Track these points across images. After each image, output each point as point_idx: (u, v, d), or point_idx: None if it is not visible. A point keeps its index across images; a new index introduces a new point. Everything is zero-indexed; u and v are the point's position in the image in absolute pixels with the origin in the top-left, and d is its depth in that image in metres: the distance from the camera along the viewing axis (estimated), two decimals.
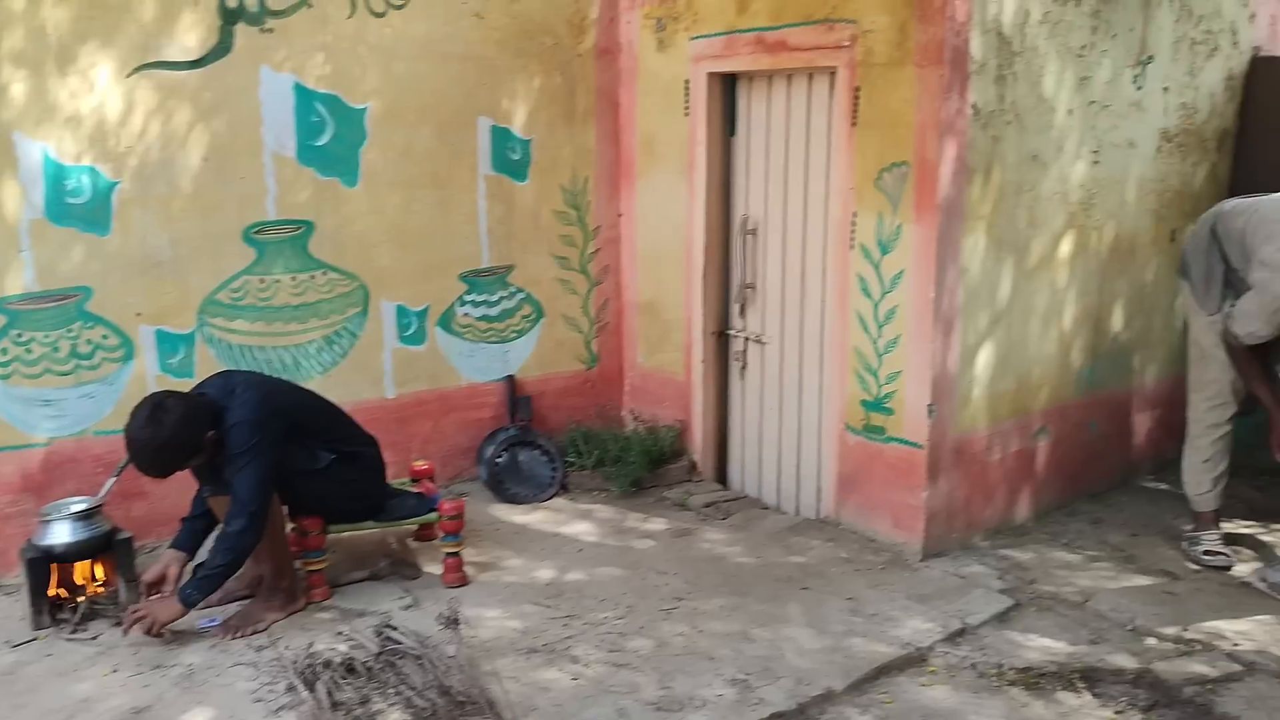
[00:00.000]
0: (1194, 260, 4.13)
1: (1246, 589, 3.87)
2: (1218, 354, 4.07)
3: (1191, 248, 4.17)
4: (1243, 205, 4.05)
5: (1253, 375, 3.97)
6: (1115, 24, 4.28)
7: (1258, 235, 3.86)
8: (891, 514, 4.18)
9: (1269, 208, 3.92)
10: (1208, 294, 4.10)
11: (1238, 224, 3.97)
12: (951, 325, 4.00)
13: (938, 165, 3.83)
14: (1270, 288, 3.74)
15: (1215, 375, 4.13)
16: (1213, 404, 4.16)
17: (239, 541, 3.45)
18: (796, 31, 4.25)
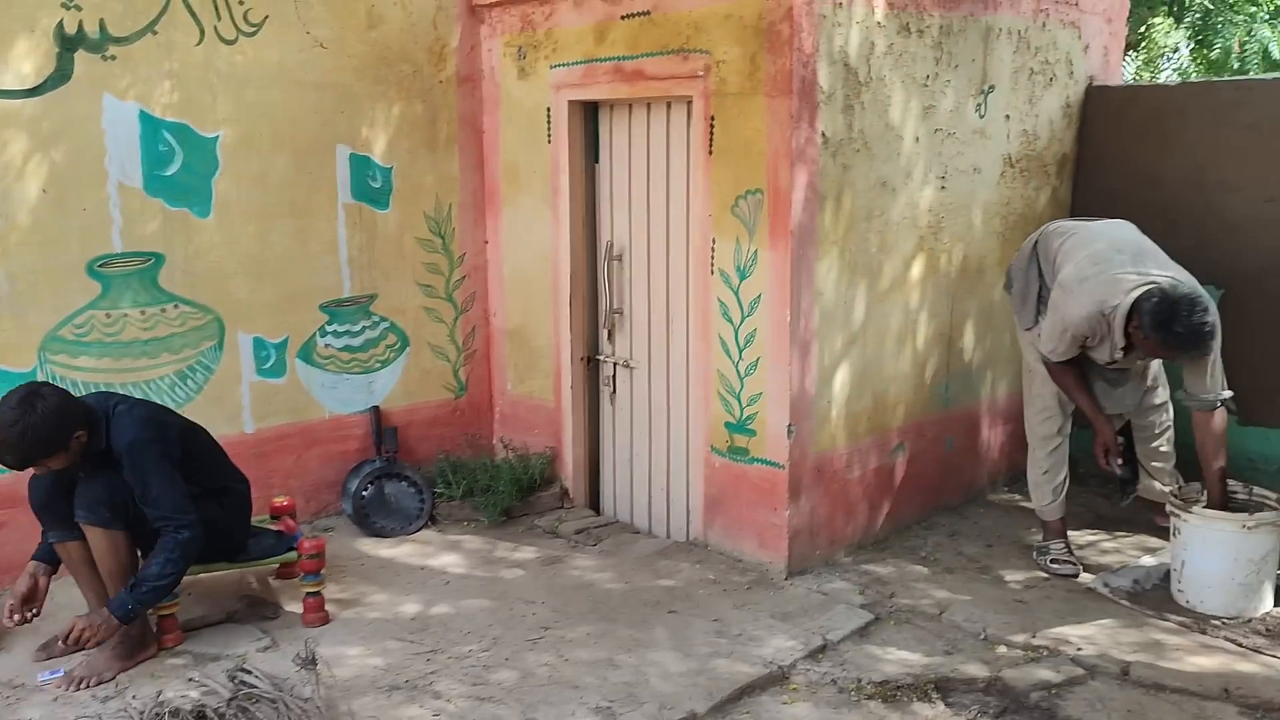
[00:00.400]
0: (1016, 276, 4.34)
1: (1091, 594, 4.04)
2: (1039, 368, 4.26)
3: (1015, 264, 4.37)
4: (1066, 227, 4.25)
5: (1070, 388, 4.14)
6: (957, 55, 4.46)
7: (1063, 258, 4.07)
8: (756, 534, 4.25)
9: (1084, 232, 4.13)
10: (1024, 309, 4.30)
11: (1055, 244, 4.17)
12: (809, 347, 4.09)
13: (790, 192, 3.92)
14: (1060, 308, 3.93)
15: (1040, 388, 4.32)
16: (1043, 417, 4.35)
17: (188, 549, 3.40)
18: (653, 61, 4.31)
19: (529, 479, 4.93)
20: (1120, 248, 3.98)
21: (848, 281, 4.20)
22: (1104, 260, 3.92)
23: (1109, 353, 3.94)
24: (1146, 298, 3.72)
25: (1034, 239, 4.33)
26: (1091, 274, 3.90)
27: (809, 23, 3.83)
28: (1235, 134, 4.75)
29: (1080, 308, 3.85)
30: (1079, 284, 3.91)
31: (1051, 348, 4.04)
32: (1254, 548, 3.75)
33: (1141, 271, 3.84)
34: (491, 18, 4.99)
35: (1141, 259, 3.93)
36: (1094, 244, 4.03)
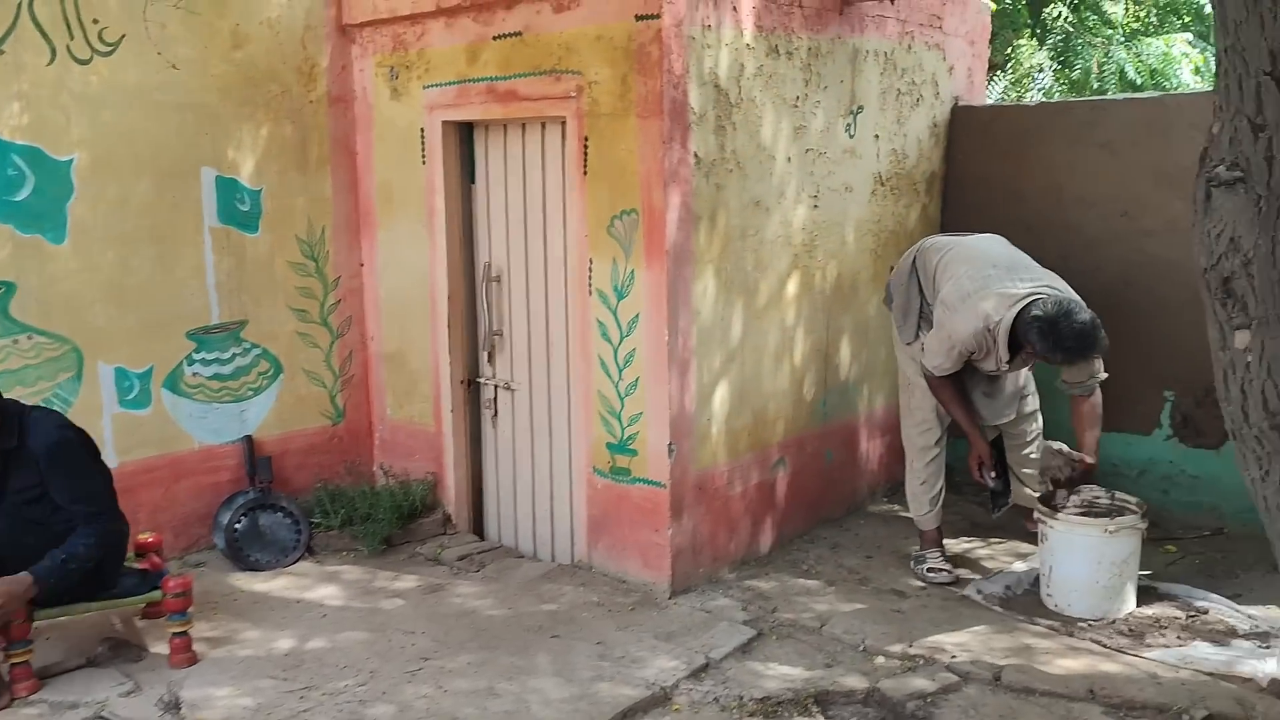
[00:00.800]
0: (896, 292, 4.44)
1: (966, 602, 4.14)
2: (919, 381, 4.36)
3: (895, 280, 4.48)
4: (941, 243, 4.38)
5: (949, 401, 4.25)
6: (826, 76, 4.55)
7: (944, 275, 4.18)
8: (640, 554, 4.24)
9: (961, 249, 4.25)
10: (905, 324, 4.40)
11: (933, 260, 4.28)
12: (687, 366, 4.11)
13: (664, 212, 3.94)
14: (945, 325, 4.03)
15: (919, 402, 4.42)
16: (921, 429, 4.46)
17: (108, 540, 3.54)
18: (525, 82, 4.30)
19: (410, 506, 4.84)
20: (995, 262, 4.11)
21: (725, 300, 4.24)
22: (982, 276, 4.03)
23: (994, 364, 4.06)
24: (1028, 316, 3.82)
25: (912, 255, 4.44)
26: (973, 290, 4.01)
27: (678, 45, 3.86)
28: (1090, 152, 4.96)
29: (966, 325, 3.96)
30: (962, 301, 4.02)
31: (938, 363, 4.13)
32: (1116, 551, 3.89)
33: (1018, 284, 3.97)
34: (362, 37, 4.91)
35: (1015, 271, 4.08)
36: (970, 260, 4.15)
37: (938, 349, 4.09)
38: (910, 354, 4.41)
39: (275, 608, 4.18)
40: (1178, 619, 3.89)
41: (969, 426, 4.26)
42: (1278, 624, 3.79)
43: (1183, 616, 3.90)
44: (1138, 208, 4.84)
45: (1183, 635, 3.76)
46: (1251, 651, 3.58)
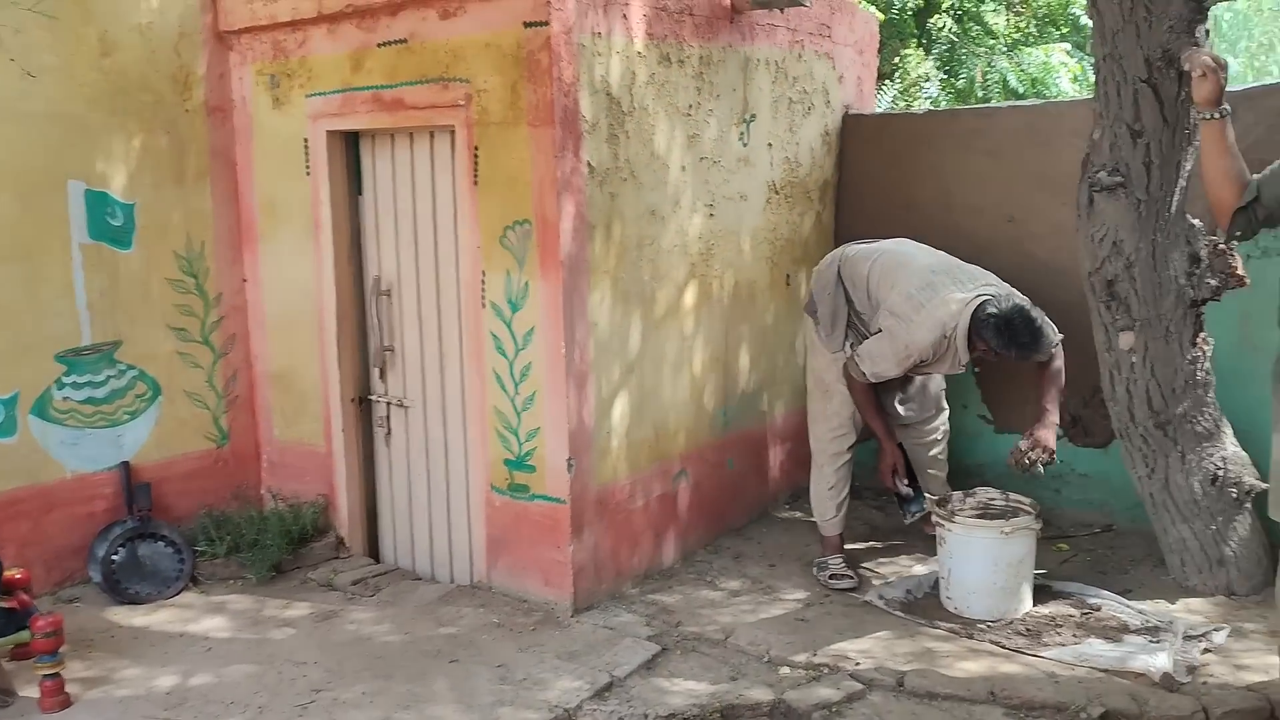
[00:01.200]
0: (821, 301, 4.43)
1: (868, 607, 4.15)
2: (839, 388, 4.38)
3: (819, 289, 4.47)
4: (865, 251, 4.40)
5: (867, 407, 4.30)
6: (718, 85, 4.54)
7: (883, 283, 4.21)
8: (541, 572, 4.15)
9: (889, 256, 4.31)
10: (834, 334, 4.41)
11: (862, 270, 4.30)
12: (585, 379, 4.04)
13: (558, 222, 3.87)
14: (901, 335, 4.05)
15: (837, 408, 4.44)
16: (837, 434, 4.47)
17: None
18: (412, 90, 4.18)
19: (301, 530, 4.66)
20: (933, 267, 4.18)
21: (622, 311, 4.18)
22: (926, 284, 4.09)
23: (949, 365, 4.14)
24: (982, 315, 3.89)
25: (835, 264, 4.43)
26: (925, 300, 4.05)
27: (568, 52, 3.79)
28: (977, 159, 5.05)
29: (927, 334, 4.00)
30: (916, 312, 4.05)
31: (881, 369, 4.14)
32: (1012, 552, 3.94)
33: (964, 286, 4.05)
34: (241, 44, 4.73)
35: (955, 274, 4.17)
36: (908, 267, 4.19)
37: (886, 356, 4.10)
38: (833, 362, 4.40)
39: (156, 643, 3.97)
40: (1072, 617, 3.95)
41: (884, 432, 4.31)
42: (1166, 618, 3.88)
43: (1077, 614, 3.97)
44: (1023, 213, 4.94)
45: (1078, 633, 3.82)
46: (1143, 647, 3.65)
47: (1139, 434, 3.98)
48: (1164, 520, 4.11)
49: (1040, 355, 3.96)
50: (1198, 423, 3.92)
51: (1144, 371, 3.83)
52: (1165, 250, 3.65)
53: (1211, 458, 3.96)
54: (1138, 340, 3.78)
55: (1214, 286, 3.68)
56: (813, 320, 4.51)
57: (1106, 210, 3.60)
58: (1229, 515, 4.00)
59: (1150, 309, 3.72)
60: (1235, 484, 3.96)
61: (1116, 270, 3.70)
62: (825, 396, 4.50)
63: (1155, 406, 3.88)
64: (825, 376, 4.50)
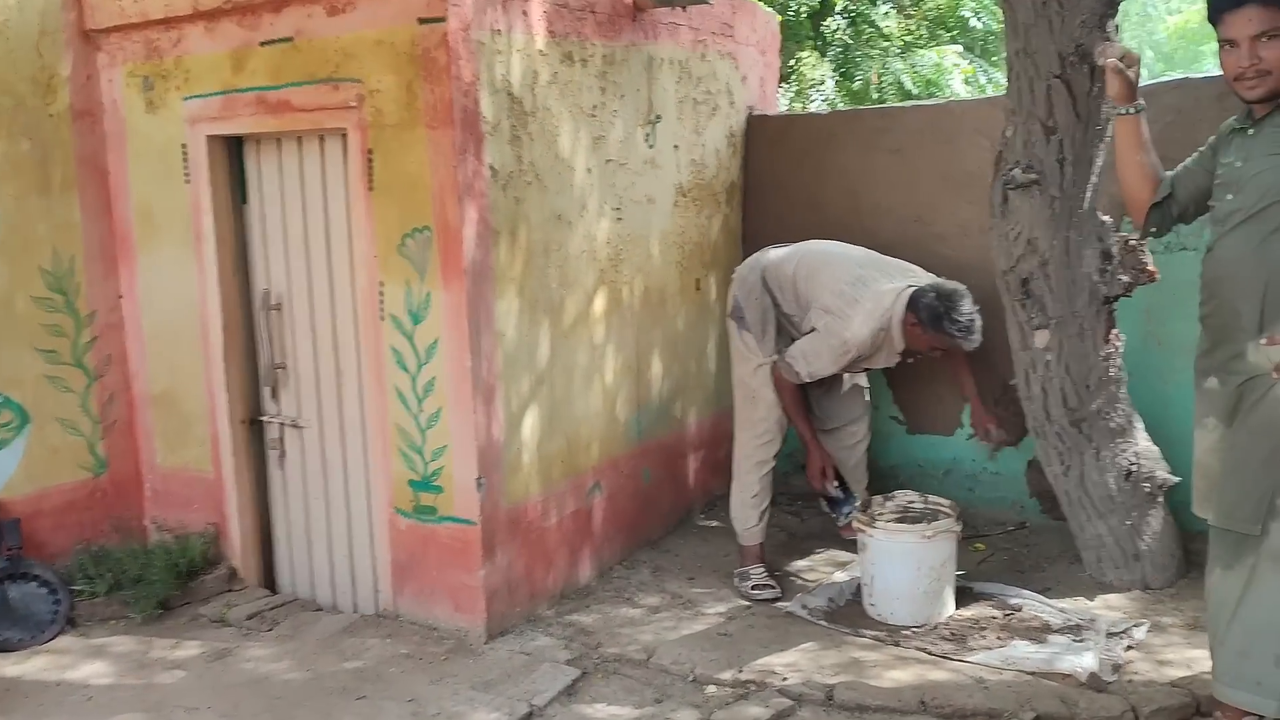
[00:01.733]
0: (748, 307, 4.33)
1: (792, 618, 4.04)
2: (766, 394, 4.30)
3: (744, 296, 4.37)
4: (787, 253, 4.35)
5: (797, 411, 4.26)
6: (622, 85, 4.39)
7: (812, 283, 4.20)
8: (451, 598, 3.94)
9: (813, 255, 4.31)
10: (764, 339, 4.33)
11: (787, 271, 4.26)
12: (493, 392, 3.85)
13: (460, 229, 3.67)
14: (837, 331, 4.05)
15: (764, 414, 4.35)
16: (763, 440, 4.38)
17: None
18: (300, 91, 3.93)
19: (189, 562, 4.35)
20: (860, 263, 4.23)
21: (530, 320, 4.00)
22: (856, 278, 4.13)
23: (886, 357, 4.17)
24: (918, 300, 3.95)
25: (758, 270, 4.35)
26: (859, 295, 4.08)
27: (466, 50, 3.60)
28: (882, 159, 5.01)
29: (866, 328, 4.03)
30: (851, 306, 4.06)
31: (816, 368, 4.12)
32: (934, 556, 3.88)
33: (893, 278, 4.12)
34: (110, 44, 4.40)
35: (882, 267, 4.24)
36: (835, 264, 4.23)
37: (822, 354, 4.08)
38: (762, 367, 4.31)
39: (30, 693, 3.64)
40: (995, 618, 3.91)
41: (810, 435, 4.28)
42: (1087, 616, 3.87)
43: (1000, 616, 3.93)
44: (929, 213, 4.92)
45: (1002, 635, 3.78)
46: (1068, 647, 3.63)
47: (1054, 432, 3.96)
48: (1080, 517, 4.11)
49: (977, 339, 3.99)
50: (1111, 419, 3.93)
51: (1059, 369, 3.82)
52: (1079, 247, 3.64)
53: (1125, 453, 3.97)
54: (1052, 338, 3.76)
55: (1126, 283, 3.69)
56: (737, 327, 4.40)
57: (1021, 208, 3.57)
58: (1143, 510, 4.02)
59: (1065, 307, 3.70)
60: (1148, 479, 3.98)
61: (1031, 268, 3.68)
62: (752, 403, 4.40)
63: (1070, 404, 3.87)
64: (751, 382, 4.40)
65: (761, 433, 4.37)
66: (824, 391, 4.47)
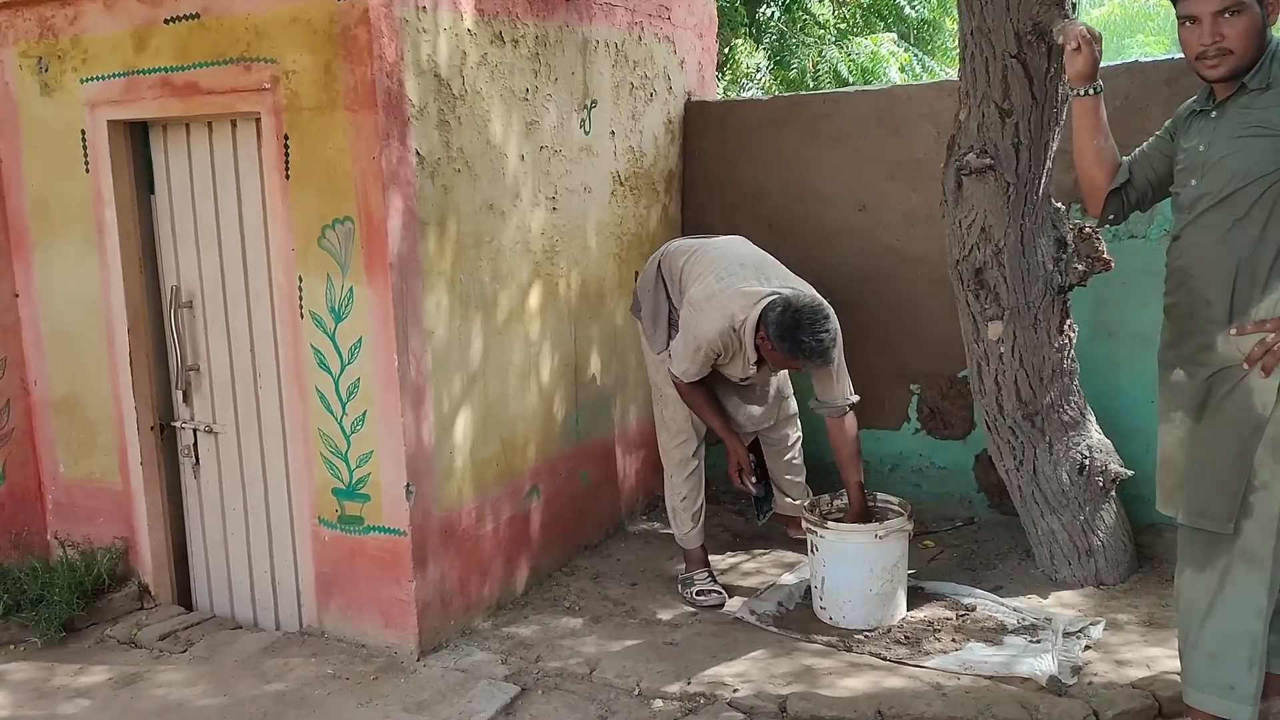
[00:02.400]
0: (644, 299, 4.16)
1: (740, 624, 3.88)
2: (670, 392, 4.11)
3: (641, 287, 4.20)
4: (687, 245, 4.15)
5: (700, 407, 4.03)
6: (556, 68, 4.18)
7: (691, 276, 3.97)
8: (381, 613, 3.70)
9: (707, 251, 4.06)
10: (655, 333, 4.14)
11: (679, 263, 4.06)
12: (422, 394, 3.62)
13: (385, 219, 3.43)
14: (690, 326, 3.82)
15: (673, 412, 4.16)
16: (678, 441, 4.19)
17: None
18: (209, 72, 3.65)
19: (95, 580, 4.04)
20: (742, 261, 3.93)
21: (461, 316, 3.77)
22: (729, 275, 3.84)
23: (741, 368, 3.87)
24: (771, 309, 3.65)
25: (657, 260, 4.18)
26: (718, 290, 3.81)
27: (389, 28, 3.36)
28: (826, 146, 4.87)
29: (712, 324, 3.75)
30: (707, 301, 3.80)
31: (684, 368, 3.88)
32: (886, 556, 3.74)
33: (763, 282, 3.81)
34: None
35: (762, 270, 3.91)
36: (716, 260, 3.95)
37: (683, 353, 3.86)
38: (659, 363, 4.14)
39: None
40: (949, 620, 3.79)
41: (725, 432, 4.05)
42: (1042, 615, 3.76)
43: (953, 617, 3.81)
44: (874, 201, 4.79)
45: (957, 637, 3.65)
46: (1025, 649, 3.51)
47: (1007, 426, 3.85)
48: (1032, 513, 4.00)
49: (817, 363, 3.68)
50: (1064, 412, 3.82)
51: (1012, 362, 3.70)
52: (1033, 235, 3.51)
53: (1078, 446, 3.87)
54: (1006, 330, 3.63)
55: (1082, 272, 3.57)
56: (639, 322, 4.22)
57: (975, 194, 3.43)
58: (1095, 504, 3.93)
59: (1019, 297, 3.58)
60: (1101, 472, 3.88)
61: (985, 258, 3.54)
62: (661, 401, 4.23)
63: (1024, 397, 3.75)
64: (655, 380, 4.24)
65: (676, 432, 4.18)
66: (735, 395, 4.13)
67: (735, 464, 4.09)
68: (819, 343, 3.59)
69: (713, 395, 4.03)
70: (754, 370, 3.85)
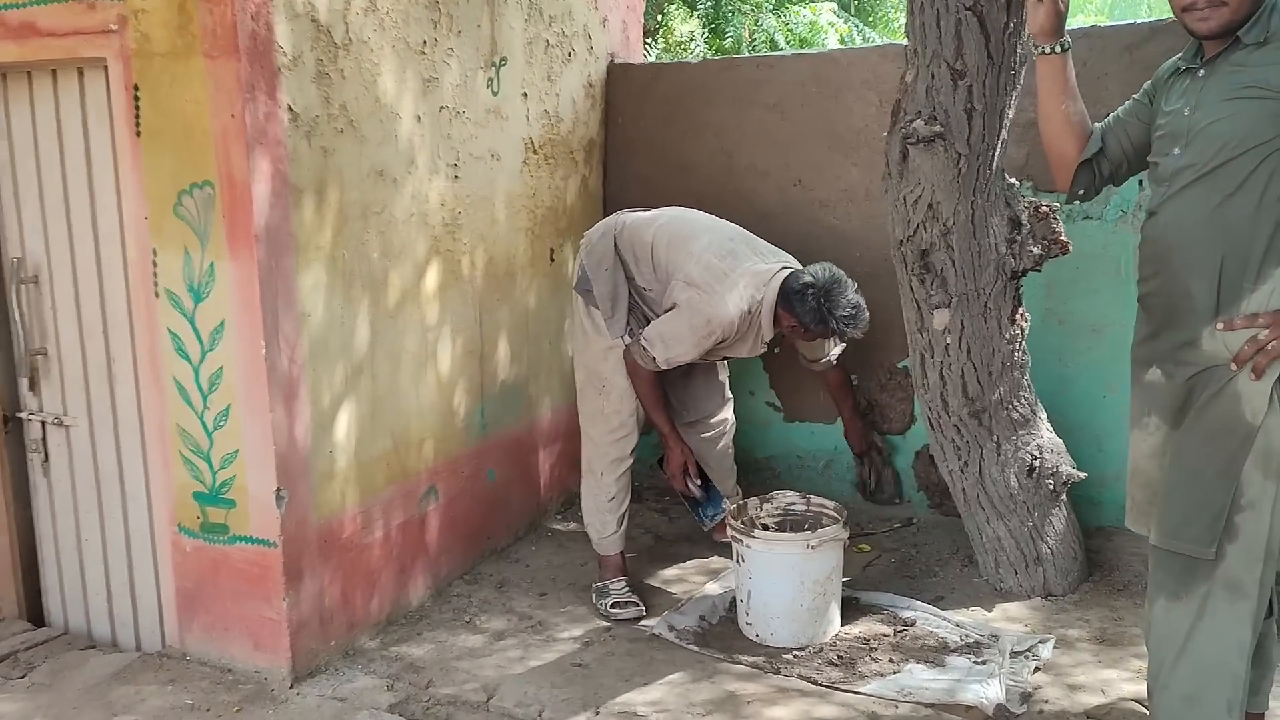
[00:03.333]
0: (598, 279, 3.73)
1: (657, 642, 3.50)
2: (619, 381, 3.72)
3: (592, 266, 3.77)
4: (646, 218, 3.78)
5: (652, 401, 3.69)
6: (459, 19, 3.73)
7: (674, 251, 3.61)
8: (249, 633, 3.25)
9: (678, 223, 3.72)
10: (616, 317, 3.73)
11: (645, 238, 3.68)
12: (296, 386, 3.16)
13: (250, 184, 2.96)
14: (703, 309, 3.47)
15: (616, 405, 3.76)
16: (617, 436, 3.79)
17: None
18: (47, 11, 3.13)
19: None
20: (730, 236, 3.67)
21: (344, 297, 3.32)
22: (730, 254, 3.57)
23: (751, 346, 3.64)
24: (797, 285, 3.44)
25: (610, 235, 3.75)
26: (728, 269, 3.52)
27: None
28: (760, 115, 4.48)
29: (734, 306, 3.48)
30: (720, 281, 3.49)
31: (675, 353, 3.53)
32: (819, 568, 3.38)
33: (765, 258, 3.61)
34: None
35: (754, 246, 3.67)
36: (705, 234, 3.65)
37: (683, 336, 3.50)
38: (610, 350, 3.72)
39: None
40: (886, 636, 3.45)
41: (669, 429, 3.74)
42: (986, 630, 3.44)
43: (891, 633, 3.47)
44: (811, 176, 4.41)
45: (895, 657, 3.31)
46: (969, 671, 3.18)
47: (952, 424, 3.51)
48: (978, 518, 3.67)
49: (859, 333, 3.53)
50: (1014, 408, 3.49)
51: (960, 354, 3.35)
52: (985, 214, 3.15)
53: (1028, 446, 3.54)
54: (953, 318, 3.28)
55: (1037, 255, 3.23)
56: (584, 302, 3.81)
57: (922, 166, 3.05)
58: (1045, 509, 3.61)
59: (968, 282, 3.22)
60: (1052, 474, 3.57)
61: (932, 238, 3.18)
62: (601, 392, 3.81)
63: (970, 393, 3.41)
64: (600, 368, 3.81)
65: (616, 426, 3.79)
66: (680, 379, 3.90)
67: (679, 463, 3.77)
68: (854, 311, 3.43)
69: (663, 388, 3.71)
70: (763, 348, 3.67)
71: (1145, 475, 2.43)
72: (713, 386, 4.08)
